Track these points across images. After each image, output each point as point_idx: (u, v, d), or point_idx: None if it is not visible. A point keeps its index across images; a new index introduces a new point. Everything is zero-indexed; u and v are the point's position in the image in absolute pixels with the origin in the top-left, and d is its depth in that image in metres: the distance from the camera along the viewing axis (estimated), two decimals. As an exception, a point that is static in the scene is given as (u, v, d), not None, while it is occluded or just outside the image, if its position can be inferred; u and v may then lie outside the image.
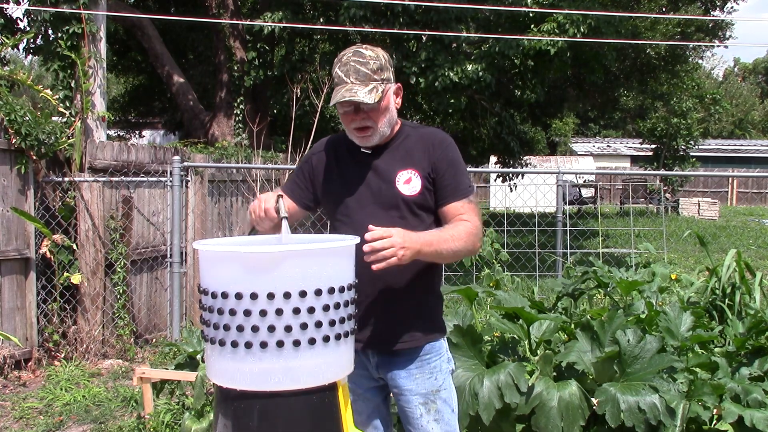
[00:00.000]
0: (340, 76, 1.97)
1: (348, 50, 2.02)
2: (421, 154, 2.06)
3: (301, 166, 2.24)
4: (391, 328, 2.05)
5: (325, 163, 2.17)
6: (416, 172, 2.04)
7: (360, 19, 8.80)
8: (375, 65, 1.97)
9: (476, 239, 2.02)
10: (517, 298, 3.24)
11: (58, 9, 6.14)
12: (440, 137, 2.11)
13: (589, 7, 9.40)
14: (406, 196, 2.02)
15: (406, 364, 2.07)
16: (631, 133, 35.20)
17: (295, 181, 2.21)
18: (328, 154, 2.18)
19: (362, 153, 2.09)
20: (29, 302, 5.15)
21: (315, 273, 1.63)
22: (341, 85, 1.96)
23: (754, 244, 12.91)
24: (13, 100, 5.06)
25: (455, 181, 2.05)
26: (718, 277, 3.95)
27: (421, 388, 2.07)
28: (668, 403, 2.64)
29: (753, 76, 51.04)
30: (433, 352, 2.10)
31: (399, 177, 2.04)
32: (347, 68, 1.96)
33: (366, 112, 1.98)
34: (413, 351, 2.07)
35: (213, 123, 10.41)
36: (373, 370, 2.11)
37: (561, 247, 6.25)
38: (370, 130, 2.01)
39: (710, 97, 22.78)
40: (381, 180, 2.05)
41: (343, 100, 1.94)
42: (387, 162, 2.07)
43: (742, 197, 30.05)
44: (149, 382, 3.57)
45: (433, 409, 2.07)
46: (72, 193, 5.36)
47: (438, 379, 2.09)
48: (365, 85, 1.95)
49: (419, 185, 2.03)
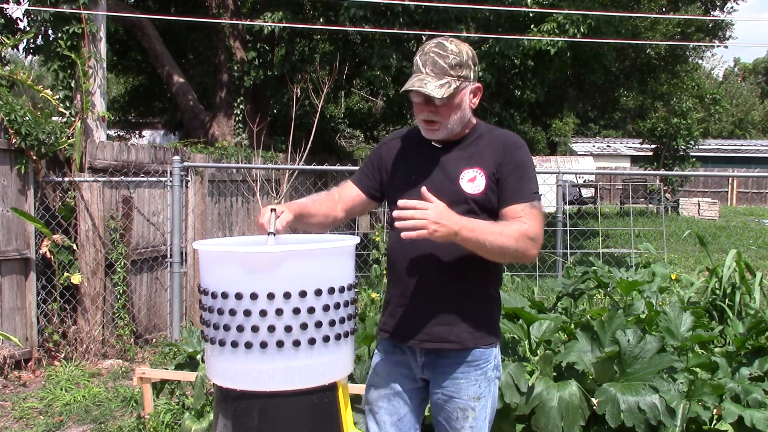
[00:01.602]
0: (417, 64, 1.94)
1: (433, 40, 1.98)
2: (490, 154, 2.01)
3: (371, 156, 2.21)
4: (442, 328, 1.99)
5: (395, 153, 2.13)
6: (482, 172, 1.99)
7: (360, 19, 8.80)
8: (454, 60, 1.93)
9: (530, 243, 1.90)
10: (517, 298, 3.24)
11: (58, 9, 6.14)
12: (513, 140, 2.05)
13: (589, 7, 9.40)
14: (469, 194, 1.98)
15: (453, 367, 2.01)
16: (631, 133, 35.20)
17: (363, 171, 2.18)
18: (400, 144, 2.15)
19: (432, 147, 2.06)
20: (29, 302, 5.15)
21: (315, 273, 1.63)
22: (416, 74, 1.93)
23: (754, 244, 12.91)
24: (13, 100, 5.06)
25: (519, 184, 1.98)
26: (718, 277, 3.95)
27: (463, 393, 2.01)
28: (668, 403, 2.65)
29: (753, 76, 51.04)
30: (483, 359, 2.03)
31: (464, 175, 1.99)
32: (426, 58, 1.93)
33: (435, 106, 1.95)
34: (462, 354, 2.01)
35: (213, 123, 10.42)
36: (418, 370, 2.06)
37: (561, 247, 6.25)
38: (437, 124, 1.98)
39: (710, 97, 22.77)
40: (445, 176, 2.01)
41: (411, 89, 1.90)
42: (454, 159, 2.03)
43: (742, 197, 30.05)
44: (149, 382, 3.57)
45: (471, 416, 2.02)
46: (72, 193, 5.36)
47: (481, 387, 2.03)
48: (439, 78, 1.91)
49: (483, 184, 1.98)
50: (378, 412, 2.08)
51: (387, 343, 2.10)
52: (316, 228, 2.07)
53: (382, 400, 2.08)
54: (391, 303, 2.07)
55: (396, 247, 2.02)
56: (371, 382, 2.12)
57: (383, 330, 2.09)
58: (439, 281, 1.99)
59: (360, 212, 2.22)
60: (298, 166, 6.76)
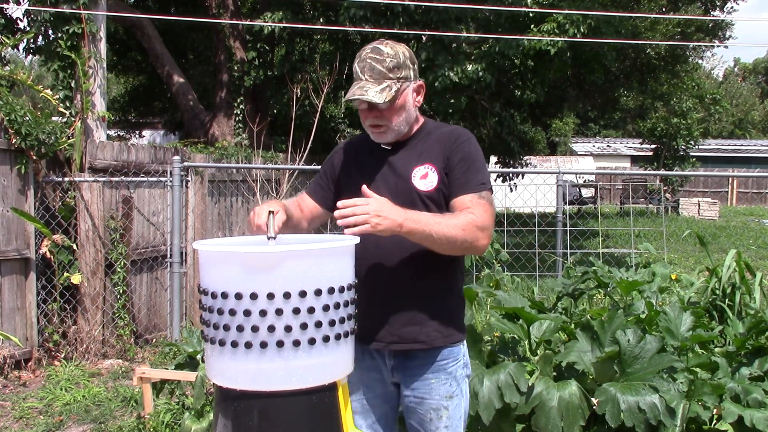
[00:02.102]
0: (356, 71, 1.96)
1: (369, 45, 1.99)
2: (440, 149, 2.02)
3: (323, 166, 2.22)
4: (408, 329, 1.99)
5: (345, 160, 2.16)
6: (433, 168, 2.00)
7: (360, 19, 8.80)
8: (391, 63, 1.94)
9: (479, 233, 1.89)
10: (517, 298, 3.24)
11: (58, 9, 6.14)
12: (459, 132, 2.06)
13: (589, 7, 9.40)
14: (422, 191, 1.99)
15: (423, 367, 2.03)
16: (631, 133, 35.20)
17: (318, 183, 2.20)
18: (349, 151, 2.17)
19: (381, 149, 2.08)
20: (29, 302, 5.15)
21: (315, 273, 1.63)
22: (356, 81, 1.96)
23: (754, 244, 12.91)
24: (13, 100, 5.06)
25: (466, 175, 1.98)
26: (718, 277, 3.95)
27: (435, 393, 2.02)
28: (668, 403, 2.64)
29: (753, 76, 51.04)
30: (451, 357, 2.04)
31: (415, 172, 2.01)
32: (363, 65, 1.95)
33: (379, 110, 1.96)
34: (430, 354, 2.02)
35: (213, 123, 10.42)
36: (388, 374, 2.07)
37: (561, 247, 6.25)
38: (384, 127, 2.00)
39: (710, 97, 22.77)
40: (397, 175, 2.03)
41: (353, 98, 1.93)
42: (404, 158, 2.04)
43: (742, 197, 30.05)
44: (149, 382, 3.57)
45: (444, 416, 2.02)
46: (72, 193, 5.36)
47: (452, 385, 2.04)
48: (378, 83, 1.93)
49: (436, 180, 1.99)
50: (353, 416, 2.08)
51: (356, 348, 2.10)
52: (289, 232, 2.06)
53: (356, 405, 2.08)
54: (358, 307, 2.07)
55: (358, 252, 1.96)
56: None
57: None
58: (403, 282, 1.99)
59: (321, 223, 2.24)
60: (298, 166, 6.76)
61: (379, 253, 1.98)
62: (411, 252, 1.96)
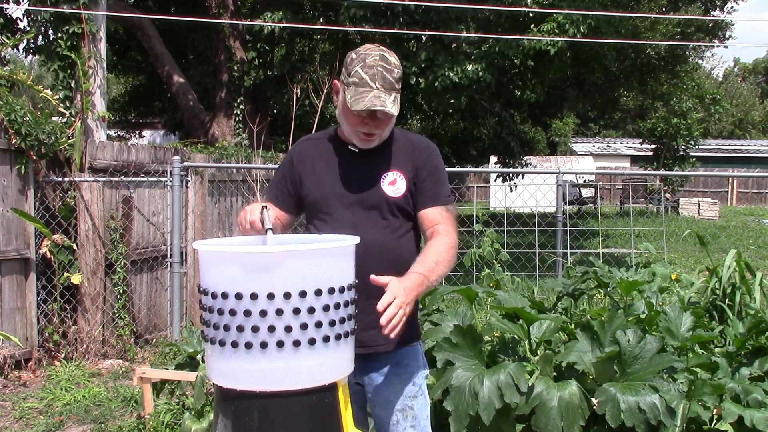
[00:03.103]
0: (364, 78, 1.91)
1: (372, 51, 1.96)
2: (406, 157, 2.06)
3: (279, 169, 2.18)
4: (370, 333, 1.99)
5: (308, 159, 2.12)
6: (402, 175, 2.03)
7: (360, 19, 8.80)
8: (398, 74, 1.96)
9: (455, 253, 2.01)
10: (517, 298, 3.24)
11: (58, 9, 6.14)
12: (426, 143, 2.12)
13: (589, 7, 9.40)
14: (390, 197, 2.01)
15: (384, 368, 2.05)
16: (631, 133, 35.20)
17: (279, 188, 2.15)
18: (311, 151, 2.13)
19: (348, 151, 2.07)
20: (29, 302, 5.15)
21: (315, 273, 1.63)
22: (365, 89, 1.91)
23: (754, 244, 12.91)
24: (13, 100, 5.06)
25: (435, 187, 2.05)
26: (718, 277, 3.95)
27: (398, 393, 2.04)
28: (668, 403, 2.64)
29: (753, 76, 51.04)
30: (411, 357, 2.08)
31: (384, 178, 2.03)
32: (374, 72, 1.91)
33: (379, 119, 1.96)
34: (390, 355, 2.05)
35: (213, 123, 10.42)
36: (352, 376, 2.03)
37: (561, 247, 6.25)
38: (376, 136, 2.00)
39: (710, 97, 22.78)
40: (365, 179, 2.03)
41: (373, 108, 1.90)
42: (373, 162, 2.05)
43: (742, 197, 30.05)
44: (149, 382, 3.57)
45: (410, 416, 2.04)
46: (72, 193, 5.36)
47: (416, 385, 2.07)
48: (389, 94, 1.92)
49: (404, 188, 2.03)
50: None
51: None
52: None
53: None
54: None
55: None
56: None
57: None
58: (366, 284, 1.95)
59: (289, 227, 2.23)
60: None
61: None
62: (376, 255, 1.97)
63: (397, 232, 2.03)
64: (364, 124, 1.97)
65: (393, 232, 2.03)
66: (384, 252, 1.99)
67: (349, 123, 2.01)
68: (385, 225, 2.01)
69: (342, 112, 2.02)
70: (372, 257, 1.95)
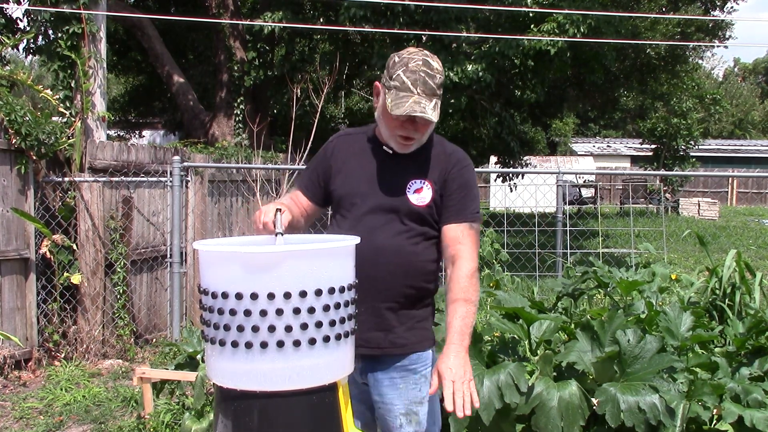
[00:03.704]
0: (405, 83, 1.91)
1: (415, 56, 1.95)
2: (438, 167, 2.03)
3: (315, 161, 2.19)
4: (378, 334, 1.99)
5: (342, 154, 2.12)
6: (429, 184, 2.01)
7: (360, 19, 8.80)
8: (440, 80, 1.94)
9: (478, 278, 2.00)
10: (517, 298, 3.24)
11: (58, 9, 6.14)
12: (460, 156, 2.09)
13: (589, 7, 9.40)
14: (414, 205, 1.99)
15: (391, 371, 2.02)
16: (631, 133, 35.20)
17: (310, 178, 2.17)
18: (346, 147, 2.13)
19: (382, 152, 2.06)
20: (29, 302, 5.15)
21: (315, 273, 1.63)
22: (406, 93, 1.90)
23: (754, 244, 12.91)
24: (13, 100, 5.06)
25: (462, 203, 2.02)
26: (718, 277, 3.95)
27: (404, 398, 2.02)
28: (668, 403, 2.65)
29: (753, 76, 51.04)
30: (420, 362, 2.04)
31: (411, 185, 2.01)
32: (416, 77, 1.90)
33: (420, 125, 1.96)
34: (398, 358, 2.02)
35: (213, 123, 10.42)
36: (358, 375, 2.05)
37: (561, 247, 6.25)
38: (414, 141, 1.99)
39: (710, 97, 22.77)
40: (393, 183, 2.02)
41: (413, 114, 1.89)
42: (403, 167, 2.03)
43: (742, 197, 30.05)
44: (149, 382, 3.57)
45: (414, 421, 2.02)
46: (72, 193, 5.36)
47: (422, 390, 2.04)
48: (430, 99, 1.91)
49: (429, 197, 2.00)
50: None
51: None
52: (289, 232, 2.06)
53: None
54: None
55: None
56: None
57: None
58: (376, 287, 1.98)
59: (314, 218, 2.23)
60: (298, 166, 6.76)
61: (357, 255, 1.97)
62: (388, 258, 1.96)
63: (415, 238, 2.00)
64: (403, 128, 1.97)
65: (410, 238, 2.00)
66: (397, 255, 1.97)
67: (388, 126, 2.00)
68: (403, 230, 1.98)
69: (381, 115, 2.02)
70: (385, 259, 1.95)
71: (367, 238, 1.93)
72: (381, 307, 1.99)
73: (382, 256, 1.95)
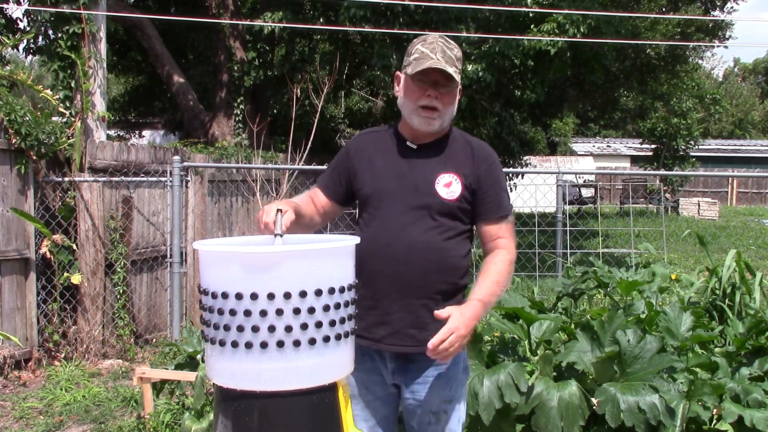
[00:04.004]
0: (424, 52, 1.94)
1: (431, 34, 2.01)
2: (466, 161, 2.03)
3: (337, 158, 2.18)
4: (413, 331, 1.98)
5: (365, 153, 2.11)
6: (458, 178, 2.00)
7: (360, 19, 8.80)
8: (458, 54, 1.98)
9: (513, 267, 2.05)
10: (517, 298, 3.25)
11: (58, 9, 6.14)
12: (489, 151, 2.10)
13: (589, 7, 9.40)
14: (444, 199, 1.99)
15: (423, 370, 2.02)
16: (631, 133, 35.19)
17: (331, 177, 2.16)
18: (369, 145, 2.12)
19: (406, 147, 2.06)
20: (29, 302, 5.15)
21: (315, 273, 1.63)
22: (425, 59, 1.93)
23: (754, 244, 12.91)
24: (13, 100, 5.06)
25: (497, 199, 2.03)
26: (718, 277, 3.95)
27: (435, 397, 2.01)
28: (668, 403, 2.65)
29: (753, 76, 51.01)
30: (452, 361, 2.03)
31: (440, 179, 2.00)
32: (434, 47, 1.94)
33: (442, 93, 1.96)
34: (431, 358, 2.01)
35: (213, 123, 10.41)
36: (389, 376, 2.06)
37: (561, 247, 6.25)
38: (437, 113, 1.98)
39: (710, 97, 22.77)
40: (421, 177, 2.01)
41: (435, 66, 1.90)
42: (430, 161, 2.03)
43: (742, 197, 30.05)
44: (149, 382, 3.57)
45: (443, 419, 2.02)
46: (72, 193, 5.36)
47: (453, 389, 2.04)
48: (450, 65, 1.93)
49: (459, 192, 2.00)
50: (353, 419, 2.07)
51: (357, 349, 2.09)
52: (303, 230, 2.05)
53: (357, 407, 2.07)
54: (360, 305, 2.03)
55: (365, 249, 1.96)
56: None
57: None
58: (409, 284, 1.97)
59: (333, 217, 2.23)
60: (298, 166, 6.76)
61: (388, 252, 1.97)
62: (421, 254, 1.95)
63: (446, 233, 1.99)
64: (425, 94, 1.96)
65: (441, 234, 1.99)
66: (429, 252, 1.96)
67: (410, 99, 1.99)
68: (434, 225, 1.98)
69: (403, 95, 2.02)
70: (416, 256, 1.94)
71: (398, 235, 1.95)
72: (415, 304, 1.98)
73: (414, 252, 1.95)
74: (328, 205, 2.15)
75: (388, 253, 1.97)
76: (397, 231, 1.95)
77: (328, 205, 2.15)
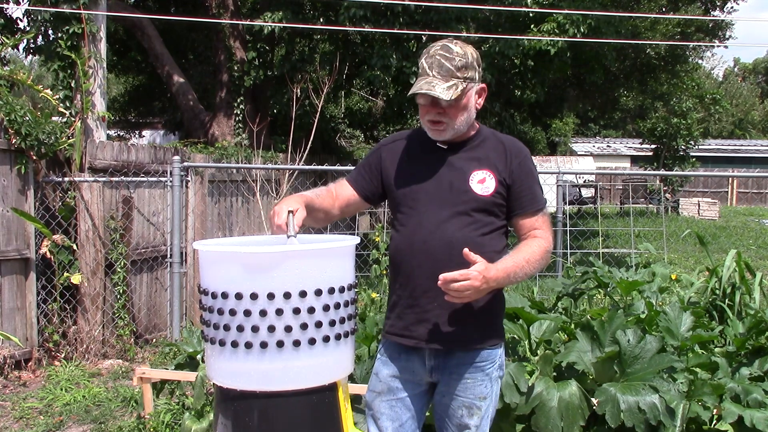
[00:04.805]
0: (423, 67, 1.97)
1: (438, 43, 2.01)
2: (498, 157, 2.05)
3: (369, 156, 2.21)
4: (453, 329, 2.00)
5: (397, 154, 2.14)
6: (492, 174, 2.03)
7: (360, 19, 8.80)
8: (460, 62, 1.96)
9: (548, 256, 2.06)
10: (517, 298, 3.25)
11: (58, 9, 6.14)
12: (520, 146, 2.11)
13: (589, 7, 9.40)
14: (479, 195, 2.01)
15: (461, 367, 2.03)
16: (631, 133, 35.20)
17: (360, 172, 2.18)
18: (402, 145, 2.16)
19: (438, 148, 2.08)
20: (29, 302, 5.15)
21: (315, 273, 1.63)
22: (423, 77, 1.96)
23: (754, 244, 12.91)
24: (13, 100, 5.06)
25: (532, 192, 2.05)
26: (718, 277, 3.95)
27: (469, 393, 2.03)
28: (668, 403, 2.65)
29: (753, 76, 51.02)
30: (489, 360, 2.05)
31: (473, 176, 2.02)
32: (432, 61, 1.96)
33: (442, 107, 1.97)
34: (469, 355, 2.03)
35: (213, 123, 10.41)
36: (425, 374, 2.06)
37: (561, 247, 6.25)
38: (444, 125, 2.00)
39: (710, 97, 22.76)
40: (454, 176, 2.03)
41: (419, 92, 1.93)
42: (462, 159, 2.05)
43: (742, 197, 30.04)
44: (149, 382, 3.57)
45: (477, 415, 2.04)
46: (72, 193, 5.36)
47: (487, 387, 2.06)
48: (445, 80, 1.94)
49: (493, 187, 2.02)
50: (380, 418, 2.07)
51: (392, 347, 2.10)
52: (316, 223, 2.07)
53: (384, 406, 2.07)
54: (399, 305, 2.06)
55: (403, 247, 2.03)
56: (373, 387, 2.12)
57: (390, 333, 2.08)
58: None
59: (353, 212, 2.24)
60: (298, 166, 6.76)
61: (426, 249, 1.99)
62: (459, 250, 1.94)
63: (482, 229, 2.01)
64: (427, 111, 2.00)
65: (478, 230, 2.01)
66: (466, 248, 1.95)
67: (420, 115, 2.05)
68: (470, 221, 2.00)
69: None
70: (455, 253, 1.94)
71: (435, 232, 1.97)
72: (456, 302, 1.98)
73: (452, 248, 1.96)
74: (353, 198, 2.16)
75: (426, 250, 1.98)
76: (433, 228, 1.98)
77: (353, 198, 2.16)
